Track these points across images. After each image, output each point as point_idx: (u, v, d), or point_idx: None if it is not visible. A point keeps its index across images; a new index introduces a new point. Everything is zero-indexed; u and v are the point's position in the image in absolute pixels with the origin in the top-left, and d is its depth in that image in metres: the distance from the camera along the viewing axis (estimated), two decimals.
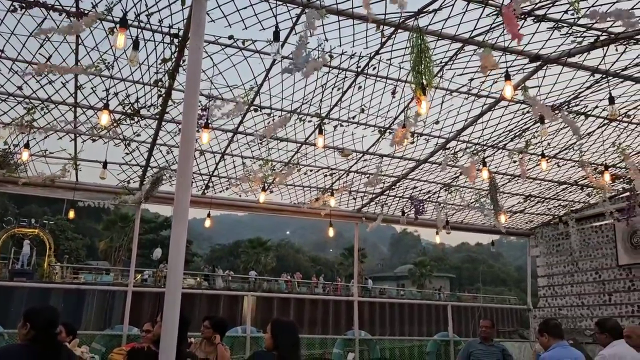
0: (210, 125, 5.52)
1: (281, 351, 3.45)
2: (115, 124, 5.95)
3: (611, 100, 4.79)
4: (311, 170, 7.36)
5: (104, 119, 5.27)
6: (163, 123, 6.04)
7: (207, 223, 8.24)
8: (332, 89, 5.58)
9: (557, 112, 5.91)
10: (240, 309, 24.63)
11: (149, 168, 7.04)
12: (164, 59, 4.92)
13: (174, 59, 4.91)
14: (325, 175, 7.54)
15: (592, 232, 8.57)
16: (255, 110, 5.88)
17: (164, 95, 5.47)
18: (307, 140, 6.59)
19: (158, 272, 27.82)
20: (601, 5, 4.13)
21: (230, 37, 4.74)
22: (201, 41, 2.72)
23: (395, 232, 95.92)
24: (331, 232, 8.03)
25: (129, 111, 5.75)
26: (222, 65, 5.09)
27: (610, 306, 8.02)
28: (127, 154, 6.62)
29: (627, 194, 7.78)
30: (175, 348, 2.34)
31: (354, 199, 8.34)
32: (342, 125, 6.25)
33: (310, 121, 6.15)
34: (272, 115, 5.90)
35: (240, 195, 7.76)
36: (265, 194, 7.26)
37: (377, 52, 5.04)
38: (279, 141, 6.49)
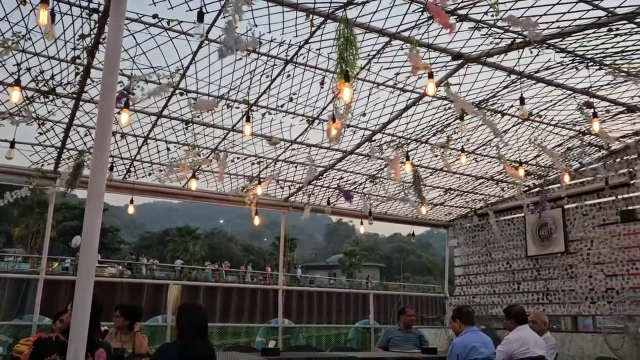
0: (131, 107, 5.31)
1: (185, 338, 3.38)
2: (27, 102, 5.58)
3: (522, 100, 5.08)
4: (238, 158, 7.28)
5: (15, 96, 4.92)
6: (81, 103, 5.74)
7: (130, 210, 7.96)
8: (261, 76, 5.54)
9: (477, 109, 6.21)
10: (164, 298, 24.04)
11: (65, 150, 6.68)
12: (82, 35, 4.67)
13: (93, 36, 4.67)
14: (253, 164, 7.49)
15: (505, 224, 9.09)
16: (181, 94, 5.73)
17: (82, 73, 5.20)
18: (235, 128, 6.50)
19: (76, 260, 26.57)
20: (518, 8, 4.36)
21: (155, 16, 4.57)
22: (122, 18, 2.60)
23: (330, 222, 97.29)
24: (257, 221, 7.99)
25: (43, 88, 5.41)
26: (146, 45, 4.90)
27: (518, 294, 8.56)
28: (40, 134, 6.24)
29: (538, 189, 8.32)
30: (86, 337, 2.25)
31: (282, 188, 8.34)
32: (270, 114, 6.21)
33: (238, 108, 6.07)
34: (198, 99, 5.77)
35: (164, 182, 7.54)
36: (194, 181, 7.10)
37: (306, 41, 5.04)
38: (205, 127, 6.36)
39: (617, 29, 4.57)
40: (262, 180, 7.60)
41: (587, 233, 7.66)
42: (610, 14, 4.30)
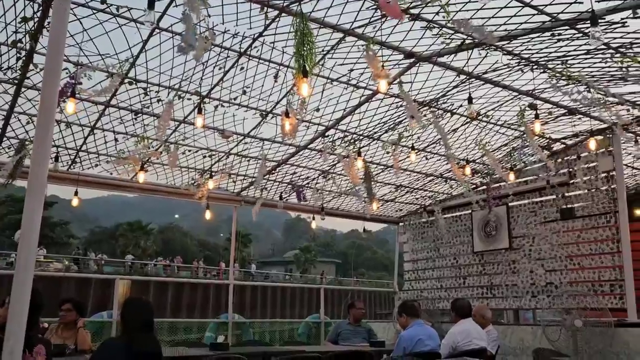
0: (78, 95, 5.12)
1: (130, 333, 3.31)
2: None
3: (470, 100, 5.22)
4: (189, 151, 7.16)
5: None
6: (23, 89, 5.48)
7: (75, 202, 7.70)
8: (214, 67, 5.46)
9: (427, 108, 6.36)
10: (113, 294, 23.40)
11: (5, 138, 6.38)
12: (24, 18, 4.46)
13: (36, 19, 4.47)
14: (205, 157, 7.38)
15: (453, 221, 9.35)
16: (130, 83, 5.57)
17: (24, 58, 4.96)
18: (186, 119, 6.39)
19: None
20: (467, 10, 4.48)
21: (103, 2, 4.43)
22: (68, 2, 2.52)
23: (289, 218, 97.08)
24: (208, 215, 7.89)
25: None
26: (94, 32, 4.74)
27: (464, 288, 8.83)
28: None
29: (484, 187, 8.59)
30: (24, 333, 2.16)
31: (234, 182, 8.26)
32: (223, 106, 6.14)
33: (189, 99, 5.96)
34: (148, 89, 5.63)
35: (111, 173, 7.33)
36: (143, 174, 6.92)
37: (260, 34, 5.00)
38: (155, 118, 6.21)
39: (560, 34, 4.76)
40: (213, 173, 7.51)
41: (530, 230, 7.98)
42: (553, 19, 4.47)
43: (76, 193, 7.44)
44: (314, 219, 8.75)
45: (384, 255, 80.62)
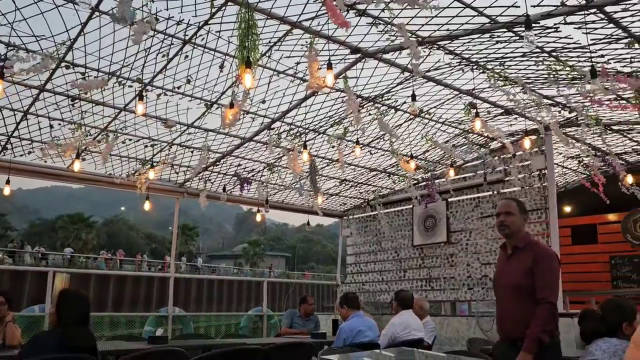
0: (8, 77, 4.86)
1: (64, 326, 3.21)
2: None
3: (413, 97, 5.35)
4: (130, 140, 6.94)
5: None
6: None
7: (6, 191, 7.29)
8: (157, 54, 5.31)
9: (371, 104, 6.46)
10: (50, 288, 22.45)
11: None
12: None
13: None
14: (146, 146, 7.18)
15: (395, 215, 9.56)
16: (67, 67, 5.33)
17: None
18: (127, 107, 6.19)
19: None
20: (410, 9, 4.56)
21: None
22: None
23: (241, 211, 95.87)
24: (147, 206, 7.69)
25: None
26: (28, 11, 4.50)
27: (404, 281, 9.07)
28: None
29: (426, 182, 8.83)
30: None
31: (177, 173, 8.09)
32: (166, 95, 5.98)
33: (131, 86, 5.77)
34: (86, 74, 5.41)
35: (45, 161, 6.99)
36: (78, 162, 6.65)
37: (206, 22, 4.91)
38: (94, 104, 5.98)
39: (498, 36, 4.96)
40: (155, 164, 7.32)
41: (467, 225, 8.28)
42: (492, 22, 4.65)
43: (8, 182, 7.06)
44: (259, 211, 8.71)
45: (333, 249, 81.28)
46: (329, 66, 4.72)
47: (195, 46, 5.24)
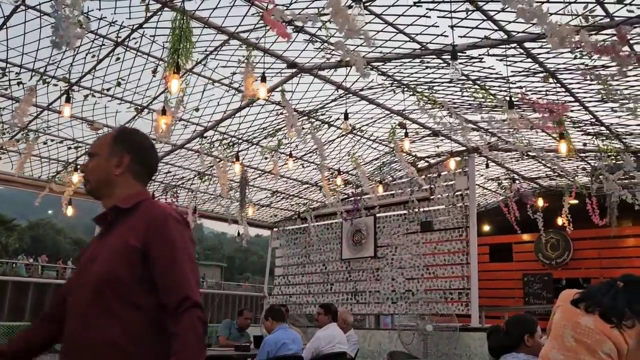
0: None
1: None
2: None
3: (346, 116, 5.49)
4: (52, 141, 6.62)
5: None
6: None
7: None
8: (86, 54, 5.13)
9: (306, 118, 6.55)
10: None
11: None
12: None
13: None
14: (70, 148, 6.87)
15: (324, 228, 9.69)
16: None
17: None
18: (51, 107, 5.91)
19: None
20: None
21: None
22: None
23: None
24: (70, 211, 7.34)
25: None
26: None
27: (331, 294, 9.17)
28: None
29: (354, 198, 9.02)
30: None
31: None
32: (94, 96, 5.78)
33: (56, 85, 5.53)
34: (7, 70, 5.12)
35: None
36: None
37: (140, 26, 4.81)
38: (13, 102, 5.66)
39: (428, 62, 5.20)
40: (79, 167, 7.01)
41: (394, 240, 8.53)
42: (423, 48, 4.87)
43: None
44: (194, 221, 8.53)
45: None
46: (263, 79, 4.76)
47: (128, 49, 5.11)
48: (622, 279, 2.57)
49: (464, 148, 7.17)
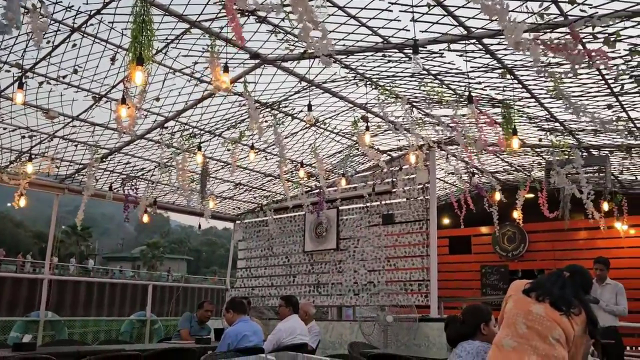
0: None
1: None
2: None
3: (309, 107, 5.49)
4: (5, 129, 6.38)
5: None
6: None
7: None
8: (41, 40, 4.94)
9: (269, 110, 6.52)
10: None
11: None
12: None
13: None
14: (23, 137, 6.64)
15: (288, 221, 9.69)
16: None
17: None
18: (2, 94, 5.69)
19: None
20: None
21: None
22: None
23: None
24: (23, 202, 7.10)
25: None
26: None
27: (293, 286, 9.20)
28: None
29: (318, 190, 9.05)
30: None
31: (58, 167, 7.56)
32: (49, 83, 5.60)
33: (8, 71, 5.32)
34: None
35: None
36: None
37: (98, 12, 4.67)
38: None
39: (390, 56, 5.25)
40: (33, 156, 6.79)
41: (356, 232, 8.61)
42: (385, 42, 4.91)
43: None
44: (146, 211, 8.38)
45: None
46: (225, 69, 4.70)
47: (85, 35, 4.96)
48: (567, 269, 2.69)
49: (424, 142, 7.27)
